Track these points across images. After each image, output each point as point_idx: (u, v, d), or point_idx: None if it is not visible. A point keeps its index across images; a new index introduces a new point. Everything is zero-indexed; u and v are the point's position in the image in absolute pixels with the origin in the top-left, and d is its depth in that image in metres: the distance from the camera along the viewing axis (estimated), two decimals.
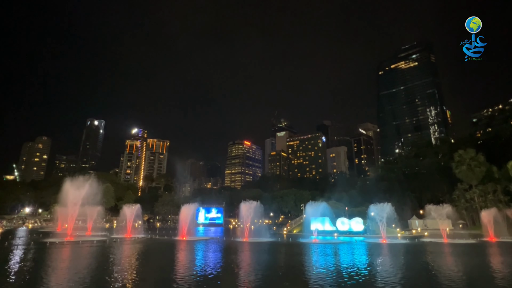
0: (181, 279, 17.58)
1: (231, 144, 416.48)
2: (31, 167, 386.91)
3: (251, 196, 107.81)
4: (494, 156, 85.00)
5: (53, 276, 18.53)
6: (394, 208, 51.00)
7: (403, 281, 17.66)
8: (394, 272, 20.91)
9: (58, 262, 25.31)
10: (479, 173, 77.53)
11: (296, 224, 77.66)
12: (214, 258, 29.25)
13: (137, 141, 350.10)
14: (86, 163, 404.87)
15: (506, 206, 67.93)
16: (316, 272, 20.90)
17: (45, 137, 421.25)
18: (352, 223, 62.96)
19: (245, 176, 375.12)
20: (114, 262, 24.84)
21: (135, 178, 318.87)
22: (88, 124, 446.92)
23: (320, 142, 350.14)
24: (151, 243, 44.41)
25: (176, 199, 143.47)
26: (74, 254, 31.27)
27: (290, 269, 23.40)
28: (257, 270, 21.84)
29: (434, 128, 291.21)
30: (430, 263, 25.82)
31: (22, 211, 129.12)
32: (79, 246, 37.57)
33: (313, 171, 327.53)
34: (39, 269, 20.68)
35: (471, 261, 28.43)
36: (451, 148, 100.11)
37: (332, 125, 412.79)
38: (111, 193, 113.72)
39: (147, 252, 34.22)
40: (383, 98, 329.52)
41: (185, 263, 25.59)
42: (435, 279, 18.45)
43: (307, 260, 27.77)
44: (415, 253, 34.89)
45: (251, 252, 34.25)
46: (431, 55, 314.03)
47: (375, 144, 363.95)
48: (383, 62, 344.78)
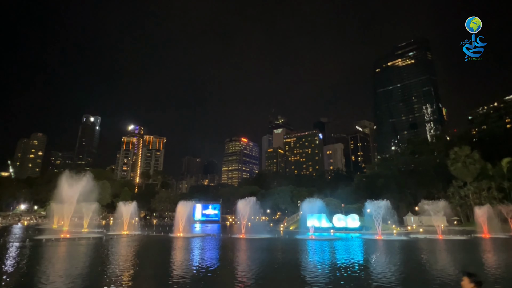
0: (176, 275, 17.60)
1: (228, 141, 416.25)
2: (27, 163, 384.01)
3: (248, 193, 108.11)
4: (489, 153, 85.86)
5: (49, 273, 18.46)
6: (390, 205, 51.38)
7: (398, 277, 17.84)
8: (389, 267, 21.11)
9: (54, 259, 25.22)
10: (474, 170, 78.33)
11: (292, 221, 78.02)
12: (210, 254, 29.31)
13: (133, 138, 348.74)
14: (82, 160, 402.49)
15: (500, 202, 68.73)
16: (312, 268, 21.03)
17: (40, 134, 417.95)
18: (348, 219, 63.39)
19: (242, 173, 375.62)
20: (109, 259, 24.80)
21: (131, 175, 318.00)
22: (84, 121, 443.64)
23: (317, 139, 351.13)
24: (147, 240, 44.38)
25: (173, 196, 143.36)
26: (70, 251, 31.17)
27: (286, 265, 23.54)
28: (254, 266, 21.93)
29: (430, 126, 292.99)
30: (425, 259, 26.12)
31: (17, 208, 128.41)
32: (75, 243, 37.45)
33: (310, 168, 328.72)
34: (35, 266, 20.59)
35: (465, 257, 28.80)
36: (446, 146, 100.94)
37: (329, 122, 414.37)
38: (108, 190, 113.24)
39: (143, 248, 34.21)
40: (379, 95, 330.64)
41: (181, 259, 25.62)
42: (429, 275, 18.66)
43: (303, 256, 27.95)
44: (410, 250, 35.24)
45: (248, 248, 34.39)
46: (428, 53, 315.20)
47: (371, 141, 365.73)
48: (379, 60, 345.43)
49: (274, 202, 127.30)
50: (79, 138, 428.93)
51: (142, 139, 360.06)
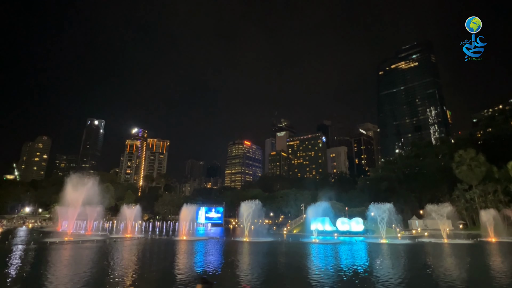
0: (179, 279, 17.58)
1: (231, 144, 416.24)
2: (31, 166, 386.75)
3: (251, 196, 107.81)
4: (494, 156, 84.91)
5: (53, 275, 18.52)
6: (394, 208, 50.97)
7: (403, 282, 17.65)
8: (393, 272, 20.90)
9: (58, 262, 25.30)
10: (479, 173, 77.48)
11: (296, 224, 77.72)
12: (214, 257, 29.25)
13: (137, 141, 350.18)
14: (86, 163, 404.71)
15: (506, 206, 67.90)
16: (315, 272, 20.89)
17: (45, 137, 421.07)
18: (352, 223, 62.97)
19: (245, 176, 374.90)
20: (113, 262, 24.85)
21: (135, 178, 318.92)
22: (88, 124, 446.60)
23: (320, 142, 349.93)
24: (151, 243, 44.42)
25: (176, 199, 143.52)
26: (74, 253, 31.26)
27: (290, 268, 23.40)
28: (257, 269, 21.83)
29: (434, 128, 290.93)
30: (430, 264, 25.82)
31: (22, 210, 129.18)
32: (79, 245, 37.59)
33: (313, 171, 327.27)
34: (39, 269, 20.69)
35: (471, 261, 28.42)
36: (451, 148, 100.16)
37: (332, 125, 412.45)
38: (111, 192, 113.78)
39: (146, 251, 34.23)
40: (383, 98, 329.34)
41: (185, 262, 25.58)
42: (435, 280, 18.44)
43: (307, 260, 27.77)
44: (415, 254, 34.88)
45: (251, 252, 34.26)
46: (432, 55, 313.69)
47: (375, 144, 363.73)
48: (383, 62, 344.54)
49: (277, 205, 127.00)
50: (84, 141, 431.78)
51: (146, 142, 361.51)
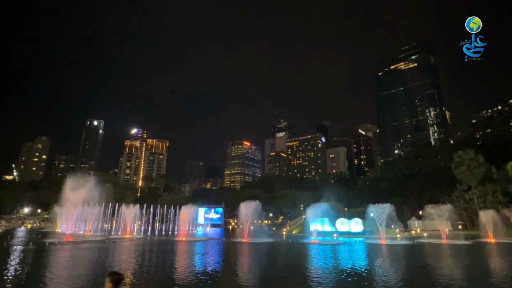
0: (179, 279, 17.54)
1: (230, 144, 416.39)
2: (30, 167, 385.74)
3: (250, 196, 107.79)
4: (493, 157, 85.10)
5: (51, 277, 18.46)
6: (393, 209, 50.99)
7: (402, 282, 17.64)
8: (392, 273, 20.89)
9: (56, 263, 25.23)
10: (478, 174, 77.57)
11: (295, 225, 77.73)
12: (213, 258, 29.21)
13: (136, 141, 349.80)
14: (86, 163, 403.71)
15: (506, 207, 67.95)
16: (315, 273, 20.86)
17: (44, 137, 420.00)
18: (352, 223, 62.97)
19: (245, 176, 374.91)
20: (112, 263, 24.79)
21: (134, 179, 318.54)
22: (88, 124, 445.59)
23: (320, 143, 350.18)
24: (150, 244, 44.34)
25: (176, 199, 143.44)
26: (73, 254, 31.18)
27: (289, 269, 23.37)
28: (257, 270, 21.80)
29: (433, 129, 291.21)
30: (429, 264, 25.82)
31: (21, 211, 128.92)
32: (78, 246, 37.50)
33: (312, 171, 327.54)
34: (38, 270, 20.61)
35: (470, 262, 28.43)
36: (450, 149, 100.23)
37: (332, 126, 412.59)
38: (111, 193, 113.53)
39: (145, 252, 34.16)
40: (382, 98, 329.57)
41: (184, 263, 25.53)
42: (433, 281, 18.43)
43: (306, 261, 27.74)
44: (414, 254, 34.88)
45: (250, 252, 34.23)
46: (431, 56, 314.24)
47: (374, 144, 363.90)
48: (382, 63, 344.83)
49: (277, 206, 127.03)
50: (83, 141, 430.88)
51: (145, 142, 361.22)
